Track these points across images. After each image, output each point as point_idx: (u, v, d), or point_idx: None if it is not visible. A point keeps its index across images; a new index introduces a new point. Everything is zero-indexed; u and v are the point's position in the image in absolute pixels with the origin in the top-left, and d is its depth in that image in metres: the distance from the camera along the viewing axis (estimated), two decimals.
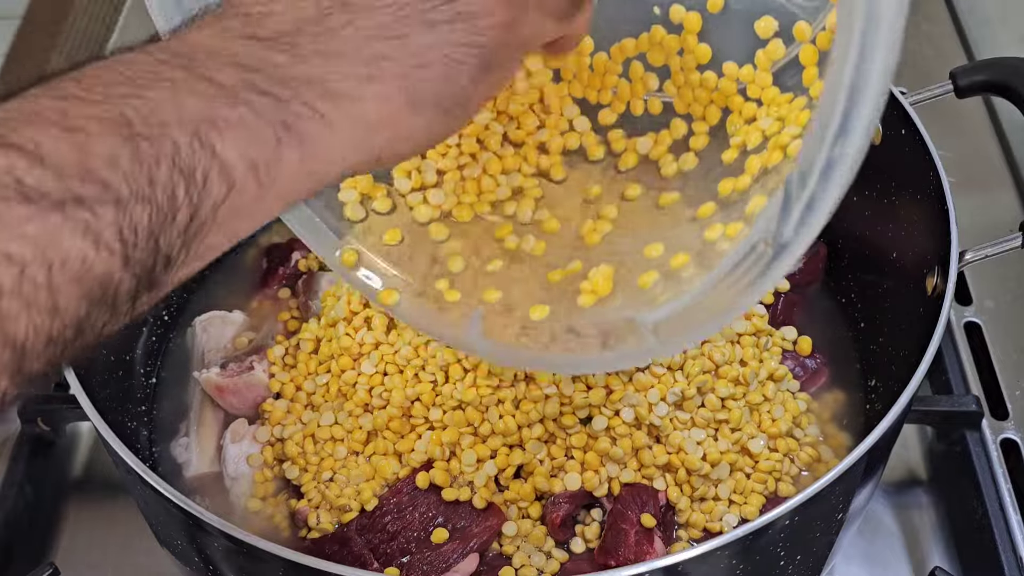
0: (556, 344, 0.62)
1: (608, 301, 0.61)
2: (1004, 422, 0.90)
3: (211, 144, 0.41)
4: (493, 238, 0.67)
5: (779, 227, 0.49)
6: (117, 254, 0.39)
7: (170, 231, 0.40)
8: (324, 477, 0.77)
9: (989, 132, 1.15)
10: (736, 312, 0.53)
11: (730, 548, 0.61)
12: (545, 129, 0.68)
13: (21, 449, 0.88)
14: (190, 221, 0.41)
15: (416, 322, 0.68)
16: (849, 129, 0.46)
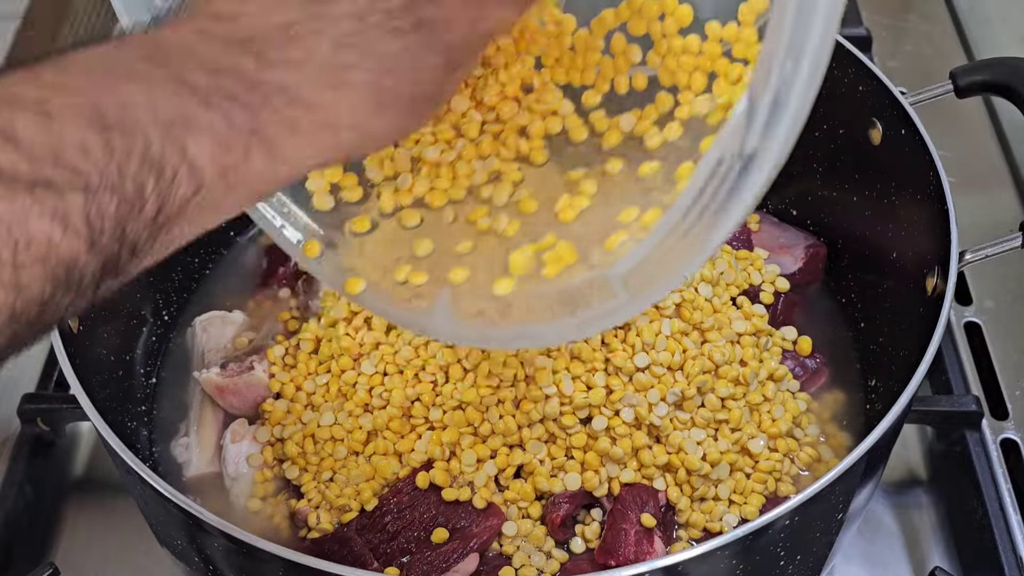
0: (526, 317, 0.60)
1: (574, 268, 0.59)
2: (1004, 422, 0.90)
3: (182, 145, 0.42)
4: (466, 222, 0.66)
5: (744, 135, 0.46)
6: (83, 238, 0.40)
7: (137, 222, 0.41)
8: (324, 477, 0.77)
9: (989, 132, 1.15)
10: (709, 246, 0.49)
11: (730, 548, 0.61)
12: (525, 112, 0.67)
13: (21, 449, 0.88)
14: (157, 213, 0.42)
15: (382, 310, 0.67)
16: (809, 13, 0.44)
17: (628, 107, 0.65)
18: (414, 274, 0.64)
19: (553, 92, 0.66)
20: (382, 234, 0.67)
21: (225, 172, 0.44)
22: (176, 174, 0.42)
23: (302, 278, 0.91)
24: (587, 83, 0.67)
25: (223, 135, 0.43)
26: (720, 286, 0.83)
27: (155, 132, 0.41)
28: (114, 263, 0.42)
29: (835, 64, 0.85)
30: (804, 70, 0.44)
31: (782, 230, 0.94)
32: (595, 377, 0.75)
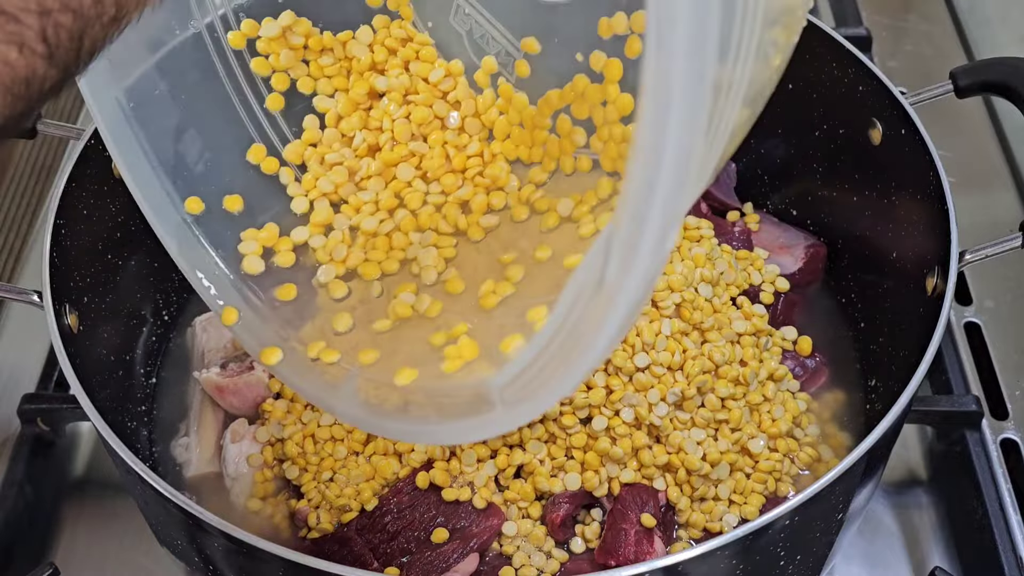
0: (415, 411, 0.59)
1: (474, 366, 0.58)
2: (1004, 422, 0.90)
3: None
4: (391, 298, 0.65)
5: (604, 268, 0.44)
6: (40, 54, 0.41)
7: (95, 29, 0.42)
8: (324, 477, 0.77)
9: (989, 132, 1.15)
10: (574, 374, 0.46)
11: (730, 548, 0.61)
12: (469, 185, 0.67)
13: (21, 449, 0.88)
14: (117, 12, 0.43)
15: (294, 384, 0.66)
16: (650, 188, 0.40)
17: (572, 189, 0.65)
18: (326, 351, 0.64)
19: (501, 166, 0.66)
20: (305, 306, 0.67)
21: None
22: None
23: None
24: (535, 160, 0.67)
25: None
26: (720, 286, 0.83)
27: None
28: (74, 67, 0.43)
29: (835, 64, 0.86)
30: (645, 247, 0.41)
31: (782, 230, 0.94)
32: (595, 377, 0.75)
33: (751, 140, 0.95)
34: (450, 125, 0.70)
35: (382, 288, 0.66)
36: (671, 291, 0.78)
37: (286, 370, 0.66)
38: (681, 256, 0.82)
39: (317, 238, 0.68)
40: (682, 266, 0.80)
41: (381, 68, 0.72)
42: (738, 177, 0.98)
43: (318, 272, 0.67)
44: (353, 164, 0.70)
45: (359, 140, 0.70)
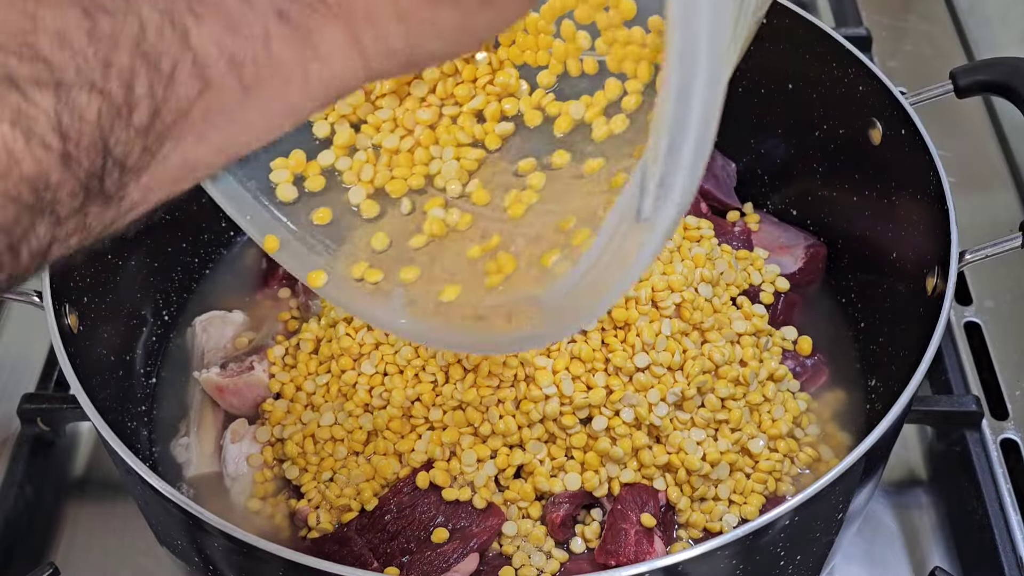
0: (468, 323, 0.61)
1: (515, 281, 0.60)
2: (1004, 422, 0.90)
3: (184, 28, 0.34)
4: (421, 214, 0.66)
5: (640, 203, 0.48)
6: (54, 151, 0.32)
7: (125, 129, 0.33)
8: (324, 477, 0.77)
9: (989, 132, 1.15)
10: (608, 296, 0.51)
11: (730, 548, 0.60)
12: (482, 94, 0.67)
13: (21, 449, 0.88)
14: (151, 121, 0.34)
15: (344, 303, 0.67)
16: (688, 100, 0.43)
17: (582, 91, 0.66)
18: (369, 271, 0.65)
19: (509, 72, 0.67)
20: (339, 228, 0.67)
21: (238, 66, 0.34)
22: (176, 67, 0.33)
23: None
24: (541, 64, 0.67)
25: (237, 15, 0.34)
26: (720, 286, 0.83)
27: (151, 12, 0.33)
28: (99, 183, 0.33)
29: (835, 64, 0.86)
30: (685, 158, 0.45)
31: (782, 230, 0.94)
32: (595, 377, 0.75)
33: (751, 140, 0.96)
34: None
35: (412, 204, 0.66)
36: (671, 291, 0.78)
37: (333, 292, 0.66)
38: (681, 256, 0.82)
39: (343, 160, 0.68)
40: (682, 266, 0.80)
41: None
42: (738, 177, 0.98)
43: (349, 194, 0.68)
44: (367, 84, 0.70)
45: None
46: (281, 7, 0.35)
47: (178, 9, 0.33)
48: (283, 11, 0.35)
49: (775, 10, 0.88)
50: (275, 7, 0.35)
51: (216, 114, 0.35)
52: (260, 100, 0.36)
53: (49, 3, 0.32)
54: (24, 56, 0.31)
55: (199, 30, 0.34)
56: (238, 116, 0.35)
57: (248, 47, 0.35)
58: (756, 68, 0.91)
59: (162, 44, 0.33)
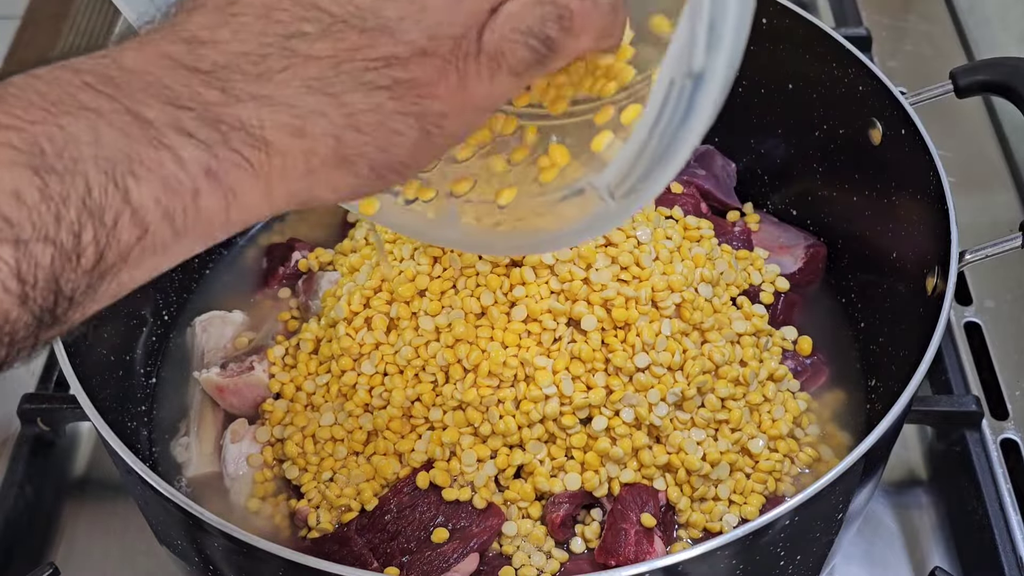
0: (528, 224, 0.61)
1: (569, 172, 0.60)
2: (1004, 422, 0.90)
3: (125, 187, 0.39)
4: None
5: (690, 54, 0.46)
6: (14, 293, 0.37)
7: (74, 273, 0.39)
8: (324, 477, 0.77)
9: (989, 132, 1.15)
10: (675, 158, 0.49)
11: (730, 548, 0.61)
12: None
13: (21, 449, 0.88)
14: (96, 263, 0.39)
15: (398, 226, 0.67)
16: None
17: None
18: (421, 190, 0.64)
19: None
20: None
21: (171, 216, 0.40)
22: (118, 220, 0.39)
23: (302, 278, 0.91)
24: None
25: (171, 176, 0.40)
26: (720, 286, 0.83)
27: (96, 173, 0.38)
28: (50, 315, 0.39)
29: (835, 64, 0.86)
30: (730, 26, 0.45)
31: (782, 230, 0.94)
32: (595, 377, 0.75)
33: (751, 140, 0.96)
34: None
35: None
36: (671, 291, 0.78)
37: (386, 217, 0.66)
38: (681, 256, 0.82)
39: None
40: (682, 266, 0.80)
41: None
42: (738, 177, 0.98)
43: None
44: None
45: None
46: (209, 166, 0.41)
47: (120, 171, 0.39)
48: (211, 170, 0.41)
49: (775, 10, 0.88)
50: (204, 167, 0.41)
51: (150, 254, 0.41)
52: (188, 239, 0.42)
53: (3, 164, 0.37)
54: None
55: (138, 188, 0.39)
56: (168, 252, 0.42)
57: (180, 201, 0.40)
58: (756, 68, 0.90)
59: (106, 200, 0.38)
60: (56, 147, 0.38)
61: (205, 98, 0.41)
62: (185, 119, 0.41)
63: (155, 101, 0.40)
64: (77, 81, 0.40)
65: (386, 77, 0.43)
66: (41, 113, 0.38)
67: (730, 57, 0.45)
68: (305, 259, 0.92)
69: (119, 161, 0.39)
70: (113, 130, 0.39)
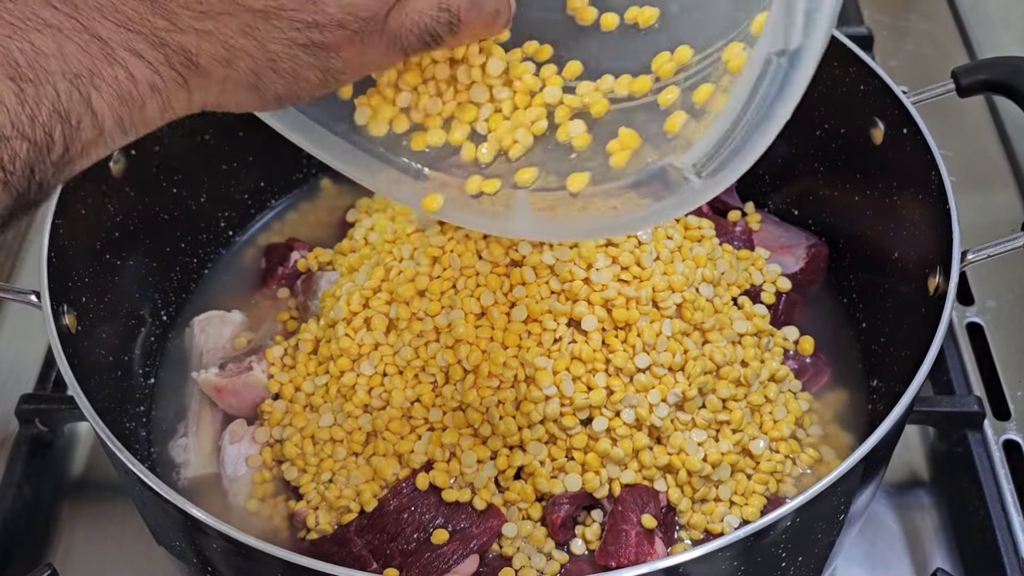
0: (603, 209, 0.62)
1: (640, 155, 0.61)
2: (1006, 423, 0.90)
3: (87, 95, 0.47)
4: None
5: (786, 35, 0.50)
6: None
7: (44, 163, 0.46)
8: (324, 478, 0.77)
9: (991, 131, 1.15)
10: (767, 133, 0.54)
11: (731, 549, 0.60)
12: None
13: (19, 450, 0.88)
14: (62, 155, 0.47)
15: (464, 220, 0.68)
16: None
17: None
18: (485, 183, 0.65)
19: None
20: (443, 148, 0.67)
21: (122, 120, 0.49)
22: (80, 121, 0.47)
23: (301, 278, 0.91)
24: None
25: (125, 88, 0.48)
26: (721, 286, 0.82)
27: (63, 83, 0.46)
28: (24, 198, 0.46)
29: (836, 64, 0.86)
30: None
31: (784, 230, 0.94)
32: (596, 378, 0.75)
33: None
34: None
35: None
36: (672, 291, 0.78)
37: (451, 212, 0.67)
38: (682, 256, 0.81)
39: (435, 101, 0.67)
40: (683, 266, 0.80)
41: None
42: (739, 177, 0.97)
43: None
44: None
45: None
46: (154, 83, 0.49)
47: (83, 83, 0.47)
48: (155, 85, 0.49)
49: None
50: (150, 83, 0.49)
51: (101, 147, 0.49)
52: (130, 136, 0.51)
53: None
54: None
55: (99, 97, 0.48)
56: (113, 144, 0.50)
57: (129, 109, 0.49)
58: None
59: (71, 105, 0.47)
60: (28, 59, 0.45)
61: (154, 24, 0.49)
62: (136, 41, 0.48)
63: (110, 23, 0.48)
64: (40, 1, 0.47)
65: (305, 38, 0.52)
66: (10, 28, 0.45)
67: (825, 34, 0.50)
68: (304, 259, 0.92)
69: (81, 74, 0.47)
70: (74, 46, 0.47)
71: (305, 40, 0.52)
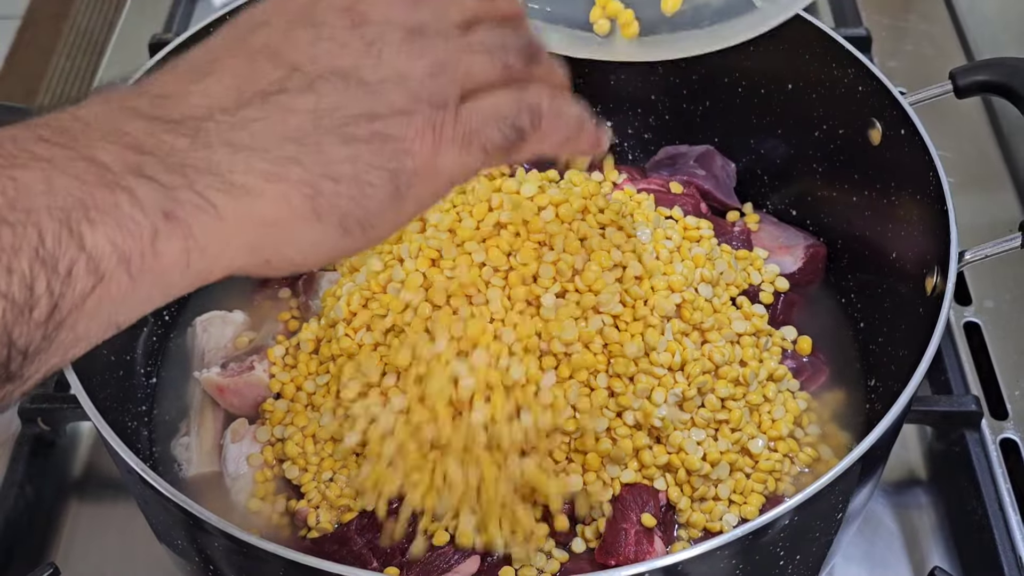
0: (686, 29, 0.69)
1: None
2: (1003, 422, 0.90)
3: (80, 233, 0.38)
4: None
5: None
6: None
7: (26, 325, 0.37)
8: (324, 477, 0.77)
9: (988, 132, 1.15)
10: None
11: (730, 548, 0.61)
12: None
13: (21, 449, 0.88)
14: (50, 314, 0.38)
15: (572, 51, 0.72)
16: None
17: None
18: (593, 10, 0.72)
19: None
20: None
21: (128, 260, 0.39)
22: (72, 268, 0.38)
23: (302, 278, 0.91)
24: None
25: (127, 216, 0.39)
26: (720, 286, 0.83)
27: (50, 222, 0.37)
28: (4, 369, 0.38)
29: (835, 64, 0.86)
30: None
31: (782, 230, 0.94)
32: (596, 379, 0.75)
33: (751, 140, 0.96)
34: None
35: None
36: (671, 291, 0.78)
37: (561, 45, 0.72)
38: (681, 256, 0.82)
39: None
40: (682, 266, 0.80)
41: None
42: (738, 177, 0.98)
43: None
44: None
45: None
46: (168, 209, 0.39)
47: (75, 217, 0.37)
48: (169, 212, 0.39)
49: None
50: (162, 209, 0.39)
51: (107, 303, 0.39)
52: (145, 285, 0.40)
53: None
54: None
55: (93, 233, 0.38)
56: (126, 300, 0.40)
57: (136, 244, 0.39)
58: (756, 68, 0.91)
59: (59, 249, 0.37)
60: (8, 199, 0.37)
61: (172, 145, 0.40)
62: (146, 163, 0.39)
63: (113, 146, 0.39)
64: (32, 135, 0.39)
65: (365, 130, 0.43)
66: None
67: None
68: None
69: (73, 208, 0.38)
70: (67, 177, 0.38)
71: (365, 133, 0.43)
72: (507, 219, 0.77)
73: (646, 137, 1.01)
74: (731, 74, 0.93)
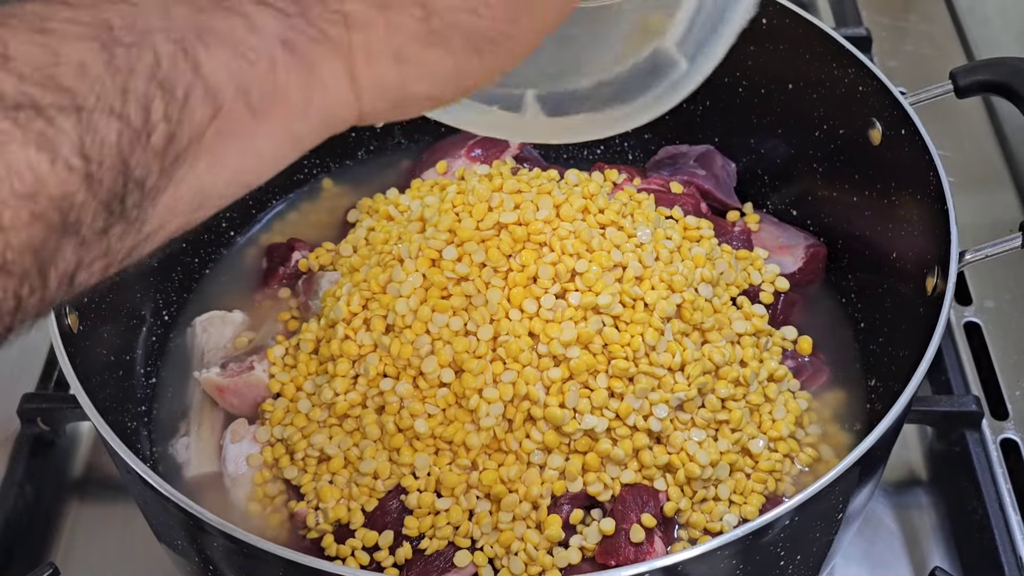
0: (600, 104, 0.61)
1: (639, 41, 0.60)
2: (1004, 422, 0.90)
3: (195, 58, 0.36)
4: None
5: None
6: (77, 172, 0.34)
7: (143, 151, 0.35)
8: (324, 478, 0.77)
9: (989, 132, 1.15)
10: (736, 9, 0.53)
11: (730, 548, 0.61)
12: None
13: (21, 449, 0.88)
14: (168, 143, 0.36)
15: (478, 127, 0.66)
16: None
17: None
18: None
19: None
20: None
21: (246, 91, 0.37)
22: (189, 94, 0.36)
23: (302, 278, 0.91)
24: None
25: (243, 42, 0.37)
26: (720, 286, 0.83)
27: (165, 44, 0.35)
28: (120, 204, 0.35)
29: (835, 64, 0.86)
30: None
31: (782, 230, 0.94)
32: (597, 379, 0.75)
33: (751, 140, 0.96)
34: None
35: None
36: (671, 291, 0.78)
37: (456, 114, 0.64)
38: (681, 256, 0.82)
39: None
40: (682, 266, 0.80)
41: None
42: (738, 177, 0.98)
43: None
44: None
45: None
46: (286, 37, 0.37)
47: (190, 40, 0.36)
48: (288, 41, 0.37)
49: (775, 10, 0.88)
50: (280, 37, 0.37)
51: (227, 137, 0.37)
52: (266, 124, 0.38)
53: (69, 39, 0.35)
54: (47, 86, 0.34)
55: (210, 58, 0.36)
56: (247, 141, 0.38)
57: (255, 74, 0.37)
58: (756, 68, 0.91)
59: (176, 72, 0.36)
60: (125, 21, 0.35)
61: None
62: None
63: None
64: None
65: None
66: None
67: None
68: (305, 259, 0.92)
69: (189, 31, 0.36)
70: (183, 3, 0.37)
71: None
72: (507, 219, 0.77)
73: (646, 137, 1.01)
74: (731, 74, 0.93)
